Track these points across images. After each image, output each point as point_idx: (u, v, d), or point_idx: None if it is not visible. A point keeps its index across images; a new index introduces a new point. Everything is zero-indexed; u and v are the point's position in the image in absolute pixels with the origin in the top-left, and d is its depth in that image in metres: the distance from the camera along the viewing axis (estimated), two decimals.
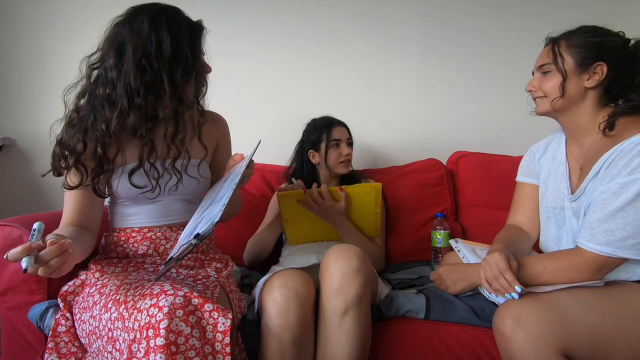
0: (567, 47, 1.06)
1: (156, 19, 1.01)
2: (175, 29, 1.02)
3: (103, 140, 1.01)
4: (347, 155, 1.61)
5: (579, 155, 1.12)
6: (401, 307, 1.18)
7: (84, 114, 1.02)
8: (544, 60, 1.10)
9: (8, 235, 1.11)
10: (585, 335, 0.90)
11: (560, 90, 1.06)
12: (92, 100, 1.02)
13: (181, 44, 1.02)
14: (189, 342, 0.82)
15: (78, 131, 1.01)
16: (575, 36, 1.07)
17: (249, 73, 2.00)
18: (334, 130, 1.61)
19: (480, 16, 1.97)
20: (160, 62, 1.00)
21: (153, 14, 1.02)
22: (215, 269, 1.15)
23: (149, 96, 1.00)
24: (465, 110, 2.00)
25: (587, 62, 1.05)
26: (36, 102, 1.95)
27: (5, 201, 1.95)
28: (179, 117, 1.06)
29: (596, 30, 1.07)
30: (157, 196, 1.07)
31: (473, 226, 1.72)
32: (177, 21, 1.04)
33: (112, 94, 1.00)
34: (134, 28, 1.00)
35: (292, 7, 1.99)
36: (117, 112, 0.99)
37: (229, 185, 0.96)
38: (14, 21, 1.95)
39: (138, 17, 1.01)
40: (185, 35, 1.03)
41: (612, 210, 0.95)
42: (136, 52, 0.99)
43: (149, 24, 1.00)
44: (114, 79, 1.00)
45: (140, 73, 0.99)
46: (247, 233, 1.59)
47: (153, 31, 1.00)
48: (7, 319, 1.14)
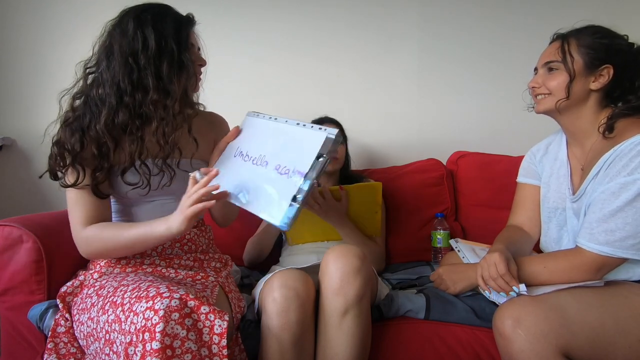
0: (577, 47, 1.05)
1: (141, 17, 1.02)
2: (161, 24, 1.02)
3: (99, 139, 1.01)
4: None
5: (580, 156, 1.12)
6: (401, 307, 1.18)
7: (80, 113, 1.03)
8: (551, 57, 1.08)
9: (8, 235, 1.11)
10: (586, 335, 0.90)
11: (565, 92, 1.05)
12: (88, 100, 1.03)
13: (166, 38, 1.02)
14: (185, 346, 0.82)
15: (75, 130, 1.01)
16: (584, 36, 1.05)
17: (249, 72, 2.00)
18: None
19: (480, 16, 1.97)
20: (146, 59, 1.00)
21: (139, 12, 1.03)
22: (215, 269, 1.15)
23: (136, 94, 1.01)
24: (465, 110, 1.99)
25: (595, 63, 1.04)
26: (36, 102, 1.95)
27: (5, 201, 1.95)
28: (167, 112, 1.04)
29: (604, 32, 1.06)
30: (148, 192, 1.07)
31: (473, 226, 1.72)
32: (163, 16, 1.04)
33: (103, 94, 1.02)
34: (122, 29, 1.01)
35: (292, 6, 1.99)
36: (105, 111, 1.00)
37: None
38: (14, 21, 1.95)
39: (125, 17, 1.03)
40: (171, 29, 1.03)
41: (611, 210, 0.95)
42: (123, 51, 1.00)
43: (134, 23, 1.01)
44: (105, 80, 1.01)
45: (128, 72, 1.00)
46: (247, 233, 1.58)
47: (139, 29, 1.00)
48: (7, 319, 1.14)
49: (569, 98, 1.05)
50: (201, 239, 1.18)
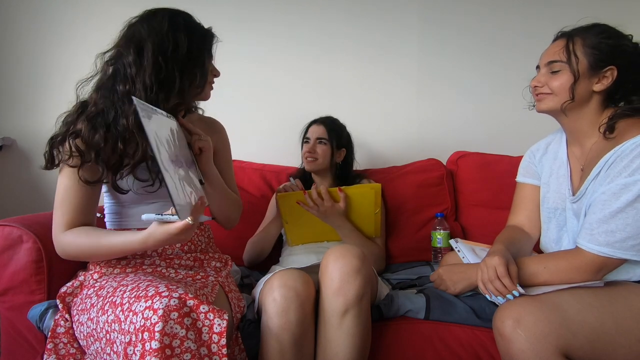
0: (583, 47, 1.03)
1: (175, 20, 1.04)
2: (192, 31, 1.05)
3: (124, 135, 1.01)
4: (309, 153, 1.61)
5: (580, 156, 1.11)
6: (401, 307, 1.18)
7: (104, 108, 1.02)
8: (555, 57, 1.06)
9: (8, 235, 1.11)
10: (586, 335, 0.90)
11: (570, 93, 1.03)
12: (112, 96, 1.02)
13: (197, 46, 1.05)
14: (184, 345, 0.82)
15: (99, 126, 1.00)
16: (590, 35, 1.03)
17: (249, 73, 2.00)
18: (309, 128, 1.66)
19: (480, 16, 1.97)
20: (174, 62, 1.02)
21: (172, 15, 1.05)
22: (215, 269, 1.15)
23: (160, 93, 1.02)
24: (465, 110, 2.00)
25: (599, 65, 1.02)
26: (36, 102, 1.95)
27: (5, 201, 1.95)
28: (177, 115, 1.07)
29: (610, 31, 1.04)
30: (157, 189, 1.06)
31: (473, 226, 1.72)
32: (194, 24, 1.08)
33: (132, 90, 1.01)
34: (154, 27, 1.02)
35: (292, 7, 1.99)
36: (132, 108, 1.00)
37: None
38: (14, 21, 1.95)
39: (157, 17, 1.04)
40: (201, 38, 1.07)
41: (612, 211, 0.95)
42: (155, 49, 1.00)
43: (168, 24, 1.02)
44: (133, 75, 1.01)
45: (157, 71, 1.00)
46: (247, 233, 1.59)
47: (172, 31, 1.02)
48: (7, 319, 1.14)
49: (573, 100, 1.04)
50: (201, 239, 1.18)
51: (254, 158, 1.90)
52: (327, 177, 1.67)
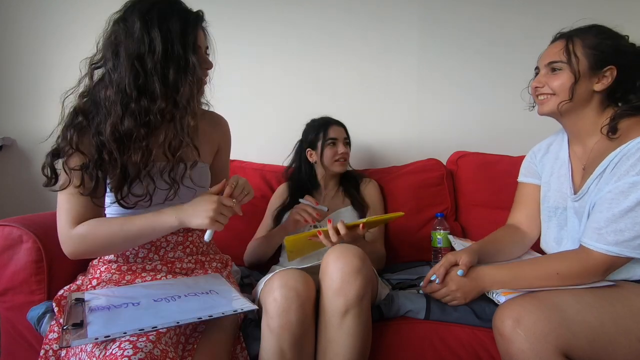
0: (582, 47, 1.04)
1: (147, 17, 0.95)
2: (166, 25, 0.95)
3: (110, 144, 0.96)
4: (343, 154, 1.61)
5: (582, 155, 1.11)
6: (401, 307, 1.18)
7: (94, 115, 0.98)
8: (555, 57, 1.07)
9: (8, 235, 1.11)
10: (585, 335, 0.90)
11: (569, 94, 1.04)
12: (103, 102, 0.97)
13: (172, 41, 0.96)
14: None
15: (93, 135, 0.97)
16: (589, 36, 1.05)
17: (249, 73, 2.00)
18: (330, 129, 1.63)
19: (480, 16, 1.97)
20: (152, 64, 0.94)
21: (144, 11, 0.96)
22: (215, 269, 1.15)
23: (142, 100, 0.95)
24: (465, 110, 2.00)
25: (599, 65, 1.03)
26: (36, 102, 1.95)
27: (5, 201, 1.95)
28: (176, 122, 1.00)
29: (608, 32, 1.05)
30: (150, 205, 1.02)
31: (473, 226, 1.72)
32: (169, 15, 0.97)
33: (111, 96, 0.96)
34: (127, 28, 0.95)
35: (292, 7, 1.99)
36: (111, 119, 0.95)
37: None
38: (14, 21, 1.95)
39: (132, 16, 0.96)
40: (177, 30, 0.96)
41: (621, 210, 0.95)
42: (129, 53, 0.94)
43: (140, 23, 0.95)
44: (113, 81, 0.96)
45: (134, 76, 0.94)
46: (247, 233, 1.59)
47: (145, 31, 0.94)
48: (7, 319, 1.14)
49: (572, 100, 1.05)
50: (202, 241, 1.18)
51: (254, 158, 1.90)
52: (334, 179, 1.66)
